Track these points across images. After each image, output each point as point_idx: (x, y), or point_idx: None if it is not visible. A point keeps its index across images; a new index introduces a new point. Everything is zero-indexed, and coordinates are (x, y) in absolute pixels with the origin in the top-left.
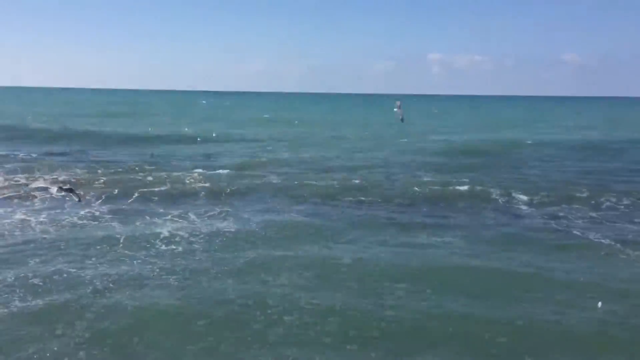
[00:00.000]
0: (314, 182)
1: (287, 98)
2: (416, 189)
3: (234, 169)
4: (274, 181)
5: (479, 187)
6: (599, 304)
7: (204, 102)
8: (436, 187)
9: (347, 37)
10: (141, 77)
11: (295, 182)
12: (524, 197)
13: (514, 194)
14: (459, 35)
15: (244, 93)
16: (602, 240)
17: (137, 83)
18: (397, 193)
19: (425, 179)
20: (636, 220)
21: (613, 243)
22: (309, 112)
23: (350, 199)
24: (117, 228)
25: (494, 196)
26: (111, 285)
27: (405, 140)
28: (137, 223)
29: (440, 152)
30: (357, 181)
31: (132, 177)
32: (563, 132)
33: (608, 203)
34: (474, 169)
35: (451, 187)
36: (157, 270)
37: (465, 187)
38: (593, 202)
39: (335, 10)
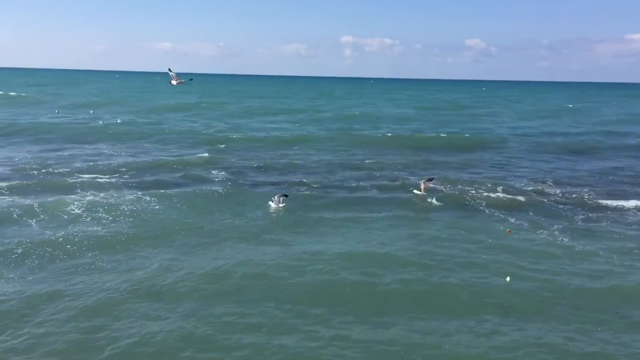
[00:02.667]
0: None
1: (199, 79)
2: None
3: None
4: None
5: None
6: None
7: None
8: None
9: (258, 19)
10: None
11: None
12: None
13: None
14: (371, 18)
15: (151, 73)
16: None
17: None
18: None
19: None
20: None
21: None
22: (225, 94)
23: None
24: None
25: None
26: None
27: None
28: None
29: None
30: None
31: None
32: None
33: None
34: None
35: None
36: None
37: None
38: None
39: None
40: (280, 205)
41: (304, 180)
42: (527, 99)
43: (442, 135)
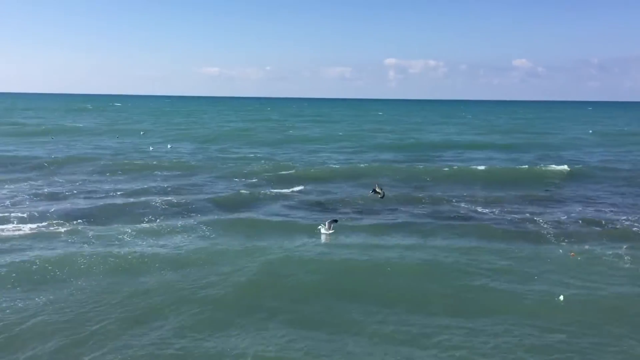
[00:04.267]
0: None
1: (248, 103)
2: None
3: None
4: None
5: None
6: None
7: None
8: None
9: (303, 43)
10: (87, 80)
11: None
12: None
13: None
14: (415, 40)
15: (200, 98)
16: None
17: (82, 87)
18: None
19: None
20: None
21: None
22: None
23: None
24: None
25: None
26: None
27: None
28: None
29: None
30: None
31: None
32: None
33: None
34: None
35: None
36: None
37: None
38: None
39: (292, 14)
40: (330, 230)
41: (383, 222)
42: (583, 119)
43: (527, 165)
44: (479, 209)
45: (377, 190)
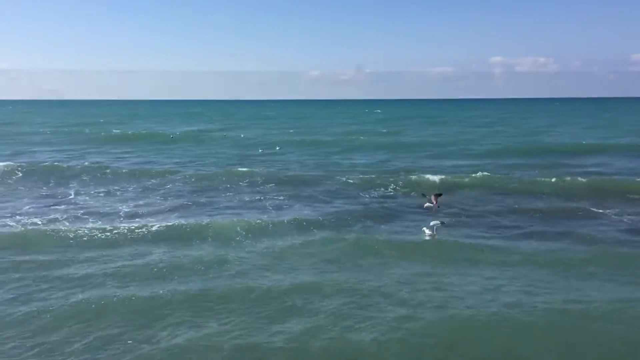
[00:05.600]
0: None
1: (349, 105)
2: None
3: None
4: None
5: None
6: None
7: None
8: None
9: (403, 44)
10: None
11: None
12: None
13: None
14: (522, 37)
15: (300, 101)
16: None
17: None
18: None
19: None
20: None
21: None
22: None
23: None
24: None
25: None
26: None
27: None
28: None
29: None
30: None
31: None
32: None
33: None
34: None
35: None
36: None
37: None
38: None
39: (391, 14)
40: (434, 232)
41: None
42: None
43: None
44: (629, 229)
45: (433, 200)
